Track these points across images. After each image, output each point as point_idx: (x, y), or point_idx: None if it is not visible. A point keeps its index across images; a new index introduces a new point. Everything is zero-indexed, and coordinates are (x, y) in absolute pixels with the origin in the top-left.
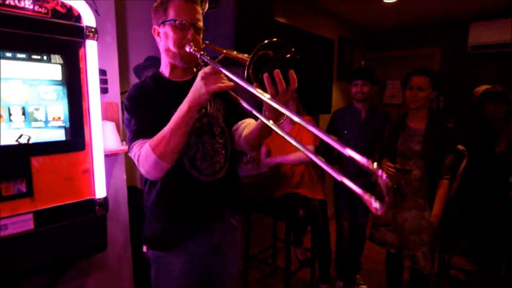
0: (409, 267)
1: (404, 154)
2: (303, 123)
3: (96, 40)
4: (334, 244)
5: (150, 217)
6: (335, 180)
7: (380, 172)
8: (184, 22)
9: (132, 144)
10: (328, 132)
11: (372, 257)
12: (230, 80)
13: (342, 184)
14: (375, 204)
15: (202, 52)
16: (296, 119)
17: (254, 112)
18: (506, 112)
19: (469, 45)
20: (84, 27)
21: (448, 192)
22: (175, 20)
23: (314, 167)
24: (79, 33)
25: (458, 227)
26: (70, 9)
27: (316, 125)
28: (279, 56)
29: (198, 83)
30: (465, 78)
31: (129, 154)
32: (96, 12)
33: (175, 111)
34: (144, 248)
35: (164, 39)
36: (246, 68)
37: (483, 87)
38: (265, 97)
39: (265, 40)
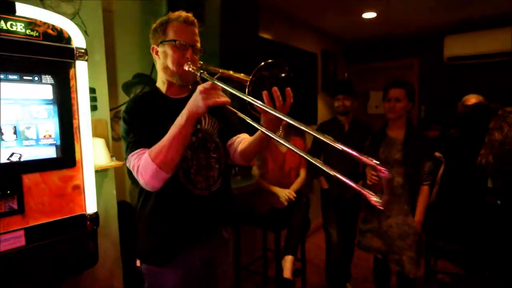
0: (396, 272)
1: (386, 162)
2: (298, 125)
3: (86, 60)
4: (324, 253)
5: (144, 231)
6: (322, 189)
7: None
8: (183, 42)
9: (130, 155)
10: (313, 143)
11: (360, 265)
12: (231, 94)
13: (329, 193)
14: (374, 198)
15: (201, 71)
16: (292, 122)
17: (254, 124)
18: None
19: (445, 56)
20: (74, 48)
21: (429, 198)
22: (175, 41)
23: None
24: (69, 55)
25: (441, 232)
26: (60, 32)
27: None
28: (276, 75)
29: (196, 97)
30: (443, 88)
31: (127, 164)
32: (85, 32)
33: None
34: (137, 262)
35: (163, 57)
36: (247, 86)
37: (472, 97)
38: (268, 108)
39: (260, 60)
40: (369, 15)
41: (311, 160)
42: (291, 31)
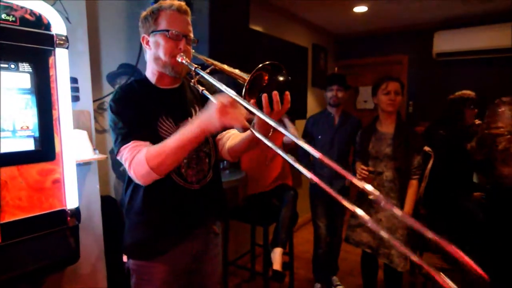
0: (384, 266)
1: (376, 156)
2: (293, 138)
3: (67, 48)
4: (311, 247)
5: (132, 225)
6: (311, 183)
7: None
8: (176, 32)
9: (123, 147)
10: (303, 137)
11: (348, 258)
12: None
13: (318, 187)
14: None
15: (195, 65)
16: (287, 133)
17: (248, 126)
18: (476, 115)
19: (433, 52)
20: (54, 35)
21: (418, 192)
22: (168, 30)
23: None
24: (48, 42)
25: (428, 226)
26: (39, 17)
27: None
28: (274, 78)
29: (213, 113)
30: (431, 84)
31: (118, 157)
32: (67, 19)
33: (162, 118)
34: (124, 258)
35: (154, 48)
36: (245, 87)
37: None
38: (265, 116)
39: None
40: (360, 9)
41: (289, 160)
42: (282, 24)
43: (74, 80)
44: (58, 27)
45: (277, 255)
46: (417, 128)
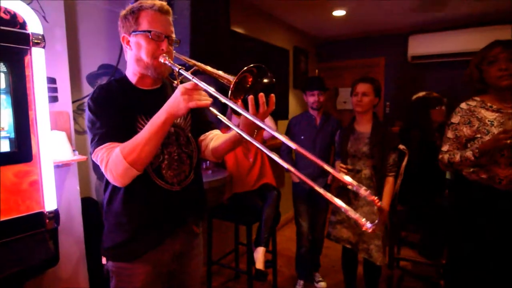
0: (363, 261)
1: (354, 155)
2: (279, 136)
3: (43, 47)
4: (294, 245)
5: (111, 227)
6: (294, 183)
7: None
8: (158, 33)
9: (98, 148)
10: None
11: (329, 255)
12: (212, 96)
13: (300, 187)
14: (368, 225)
15: (179, 66)
16: (274, 133)
17: (232, 126)
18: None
19: (409, 55)
20: (30, 34)
21: (394, 188)
22: (149, 31)
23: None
24: (24, 41)
25: (404, 221)
26: (14, 16)
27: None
28: (259, 80)
29: (177, 98)
30: (407, 85)
31: (93, 158)
32: (44, 19)
33: (142, 118)
34: (103, 260)
35: (136, 49)
36: (231, 88)
37: (422, 94)
38: (251, 117)
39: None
40: (339, 12)
41: (273, 157)
42: (264, 27)
43: (52, 80)
44: (34, 26)
45: (259, 254)
46: (393, 127)
